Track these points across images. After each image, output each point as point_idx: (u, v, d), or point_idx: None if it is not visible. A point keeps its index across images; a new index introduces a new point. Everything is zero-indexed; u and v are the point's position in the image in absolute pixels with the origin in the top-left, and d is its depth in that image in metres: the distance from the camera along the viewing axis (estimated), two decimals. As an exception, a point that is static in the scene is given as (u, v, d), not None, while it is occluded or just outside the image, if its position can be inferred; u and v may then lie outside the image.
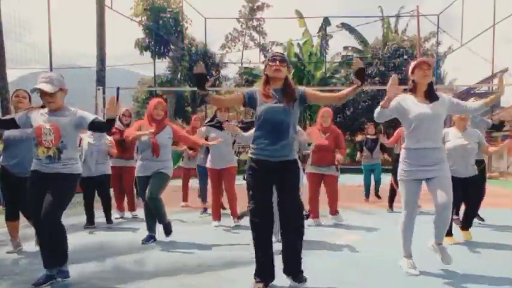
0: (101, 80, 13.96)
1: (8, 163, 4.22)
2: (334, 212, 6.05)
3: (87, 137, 5.89)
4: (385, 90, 3.50)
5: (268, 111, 3.15)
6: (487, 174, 6.15)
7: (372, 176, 8.82)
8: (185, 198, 7.76)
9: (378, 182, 8.87)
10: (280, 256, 3.30)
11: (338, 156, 5.76)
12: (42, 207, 3.22)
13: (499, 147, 4.87)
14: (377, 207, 7.63)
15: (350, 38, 25.30)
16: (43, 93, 3.25)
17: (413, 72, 3.59)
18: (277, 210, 3.27)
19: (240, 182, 5.20)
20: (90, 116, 3.40)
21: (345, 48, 26.44)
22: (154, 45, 20.78)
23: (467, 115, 4.54)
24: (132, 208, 6.62)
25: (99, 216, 5.94)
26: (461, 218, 5.08)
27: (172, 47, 21.89)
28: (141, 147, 4.84)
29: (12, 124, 3.40)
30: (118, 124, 6.10)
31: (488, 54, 16.26)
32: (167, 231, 4.72)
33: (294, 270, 3.24)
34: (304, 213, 3.53)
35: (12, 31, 10.32)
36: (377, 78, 22.69)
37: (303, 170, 5.59)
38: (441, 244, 3.57)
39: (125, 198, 6.58)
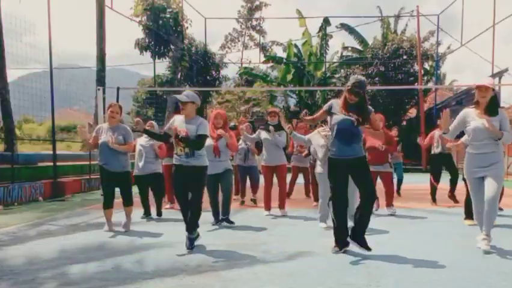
0: (101, 80, 13.96)
1: (102, 162, 5.28)
2: (389, 204, 6.79)
3: (139, 140, 6.58)
4: (384, 89, 4.30)
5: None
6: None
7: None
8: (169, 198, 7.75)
9: (400, 180, 9.25)
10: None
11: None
12: (185, 190, 4.53)
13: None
14: (379, 207, 7.61)
15: (350, 38, 25.33)
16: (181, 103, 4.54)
17: (476, 87, 4.28)
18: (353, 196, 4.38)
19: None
20: (199, 131, 4.49)
21: (345, 48, 26.45)
22: (154, 45, 20.76)
23: None
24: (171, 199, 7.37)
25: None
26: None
27: (172, 47, 21.86)
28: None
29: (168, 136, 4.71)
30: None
31: (488, 54, 16.25)
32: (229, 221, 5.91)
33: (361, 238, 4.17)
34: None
35: (13, 31, 10.32)
36: (376, 79, 22.70)
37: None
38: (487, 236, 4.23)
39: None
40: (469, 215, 5.90)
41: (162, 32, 20.70)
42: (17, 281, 3.41)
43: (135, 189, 6.04)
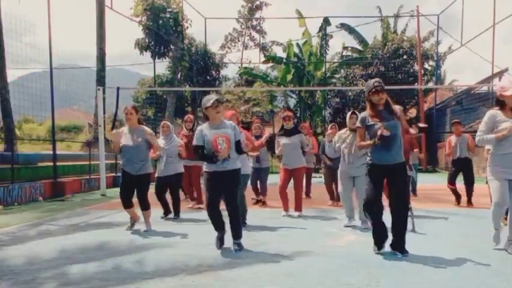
0: (101, 80, 13.98)
1: (124, 165, 5.39)
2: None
3: (160, 141, 6.54)
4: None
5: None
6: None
7: None
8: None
9: (413, 180, 9.16)
10: None
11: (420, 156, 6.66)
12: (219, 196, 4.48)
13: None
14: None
15: (350, 38, 25.34)
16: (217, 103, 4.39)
17: (501, 95, 4.16)
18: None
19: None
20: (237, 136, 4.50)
21: (345, 48, 26.45)
22: (154, 45, 20.76)
23: None
24: (200, 201, 7.51)
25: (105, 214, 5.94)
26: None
27: (172, 47, 21.86)
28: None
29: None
30: (184, 130, 7.56)
31: (488, 54, 16.26)
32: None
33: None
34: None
35: (13, 31, 10.32)
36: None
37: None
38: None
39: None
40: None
41: (162, 32, 20.71)
42: (17, 281, 3.41)
43: (151, 189, 6.08)
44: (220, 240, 4.49)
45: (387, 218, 4.18)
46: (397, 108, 4.14)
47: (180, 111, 23.86)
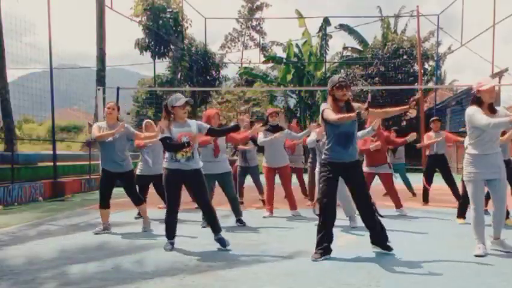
0: (101, 80, 13.97)
1: (104, 163, 5.33)
2: (398, 205, 6.73)
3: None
4: (384, 89, 4.16)
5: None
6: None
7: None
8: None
9: (406, 181, 9.39)
10: None
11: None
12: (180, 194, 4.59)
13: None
14: (378, 208, 7.61)
15: (350, 38, 25.33)
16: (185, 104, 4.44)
17: (479, 91, 4.09)
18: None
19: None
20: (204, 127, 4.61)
21: (345, 48, 26.45)
22: (154, 45, 20.76)
23: None
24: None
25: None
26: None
27: (172, 47, 21.86)
28: (202, 149, 5.72)
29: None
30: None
31: (488, 54, 16.25)
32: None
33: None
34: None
35: (13, 31, 10.32)
36: (376, 79, 22.69)
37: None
38: (498, 238, 4.22)
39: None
40: (461, 214, 5.97)
41: (162, 32, 20.70)
42: (17, 281, 3.41)
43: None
44: (172, 245, 4.50)
45: (387, 220, 4.18)
46: (357, 106, 4.12)
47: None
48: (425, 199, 8.05)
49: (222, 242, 4.45)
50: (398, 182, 8.16)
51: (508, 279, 3.41)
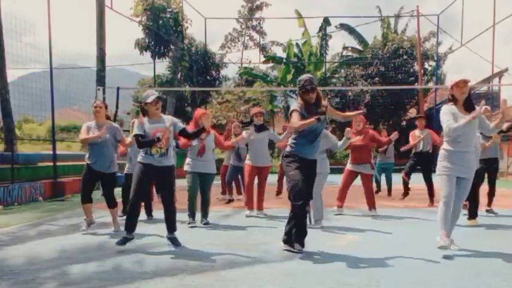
0: (101, 80, 13.94)
1: (90, 161, 5.39)
2: (371, 206, 6.76)
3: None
4: (384, 89, 4.27)
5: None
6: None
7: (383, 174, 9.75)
8: None
9: (389, 180, 9.64)
10: None
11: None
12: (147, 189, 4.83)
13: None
14: (378, 208, 7.61)
15: (350, 38, 25.34)
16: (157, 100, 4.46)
17: (452, 88, 4.14)
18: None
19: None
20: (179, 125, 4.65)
21: (345, 48, 26.45)
22: (154, 45, 20.76)
23: None
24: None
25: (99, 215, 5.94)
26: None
27: (172, 47, 21.85)
28: (191, 149, 5.85)
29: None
30: None
31: (488, 54, 16.27)
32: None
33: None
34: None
35: (13, 31, 10.32)
36: (376, 79, 22.69)
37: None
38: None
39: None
40: (472, 215, 5.93)
41: (162, 32, 20.69)
42: (17, 281, 3.41)
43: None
44: (125, 241, 4.47)
45: (387, 221, 4.18)
46: (325, 103, 4.31)
47: (180, 111, 23.86)
48: (406, 193, 8.38)
49: (175, 242, 4.54)
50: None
51: (508, 279, 3.41)
